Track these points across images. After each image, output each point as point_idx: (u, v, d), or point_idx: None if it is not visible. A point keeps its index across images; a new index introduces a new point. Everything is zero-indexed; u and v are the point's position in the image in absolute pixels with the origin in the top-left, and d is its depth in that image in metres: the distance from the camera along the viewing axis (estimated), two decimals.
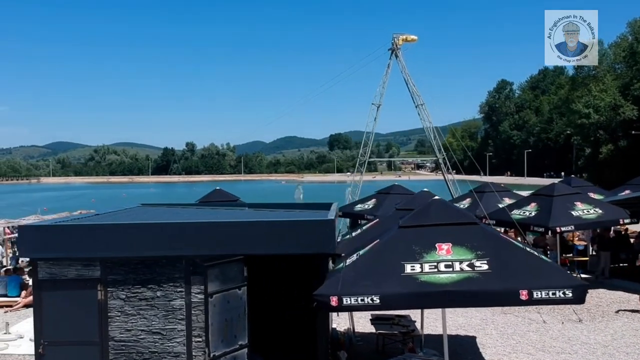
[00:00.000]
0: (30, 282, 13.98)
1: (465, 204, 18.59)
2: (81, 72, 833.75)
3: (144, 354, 7.52)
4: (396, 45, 34.31)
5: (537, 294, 6.18)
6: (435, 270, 6.46)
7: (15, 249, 17.51)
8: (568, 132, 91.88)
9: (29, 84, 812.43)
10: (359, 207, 18.04)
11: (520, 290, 6.20)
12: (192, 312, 7.60)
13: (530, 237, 17.26)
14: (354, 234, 9.71)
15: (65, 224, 8.07)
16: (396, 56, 34.72)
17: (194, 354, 7.38)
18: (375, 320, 9.80)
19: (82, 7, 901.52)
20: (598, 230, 16.84)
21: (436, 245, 6.73)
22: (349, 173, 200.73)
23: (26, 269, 15.80)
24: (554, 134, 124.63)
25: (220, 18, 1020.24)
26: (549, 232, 15.10)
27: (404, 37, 34.76)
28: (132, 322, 7.63)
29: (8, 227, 20.60)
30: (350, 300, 6.28)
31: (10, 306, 13.76)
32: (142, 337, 7.63)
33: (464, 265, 6.47)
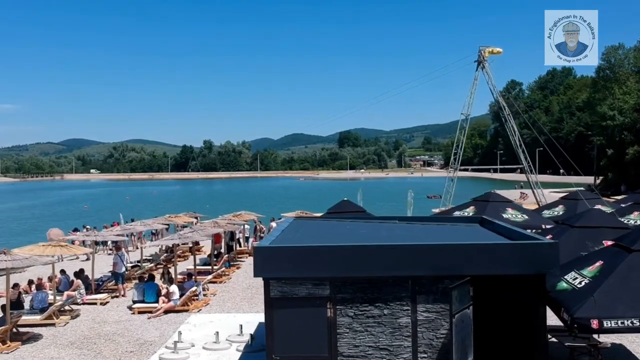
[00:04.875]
0: (170, 288, 14.45)
1: (558, 210, 18.97)
2: (95, 70, 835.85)
3: None
4: (483, 57, 35.20)
5: None
6: None
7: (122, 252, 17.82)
8: (588, 132, 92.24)
9: (44, 81, 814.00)
10: (456, 214, 18.33)
11: None
12: (418, 329, 8.01)
13: None
14: None
15: (296, 245, 8.45)
16: (483, 67, 35.51)
17: None
18: (553, 332, 10.12)
19: (93, 5, 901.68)
20: None
21: None
22: (362, 170, 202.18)
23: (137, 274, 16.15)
24: (565, 133, 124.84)
25: (243, 16, 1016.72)
26: None
27: (490, 49, 35.45)
28: (360, 339, 8.03)
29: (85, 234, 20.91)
30: (610, 323, 6.69)
31: (151, 312, 14.19)
32: (369, 352, 8.04)
33: None
